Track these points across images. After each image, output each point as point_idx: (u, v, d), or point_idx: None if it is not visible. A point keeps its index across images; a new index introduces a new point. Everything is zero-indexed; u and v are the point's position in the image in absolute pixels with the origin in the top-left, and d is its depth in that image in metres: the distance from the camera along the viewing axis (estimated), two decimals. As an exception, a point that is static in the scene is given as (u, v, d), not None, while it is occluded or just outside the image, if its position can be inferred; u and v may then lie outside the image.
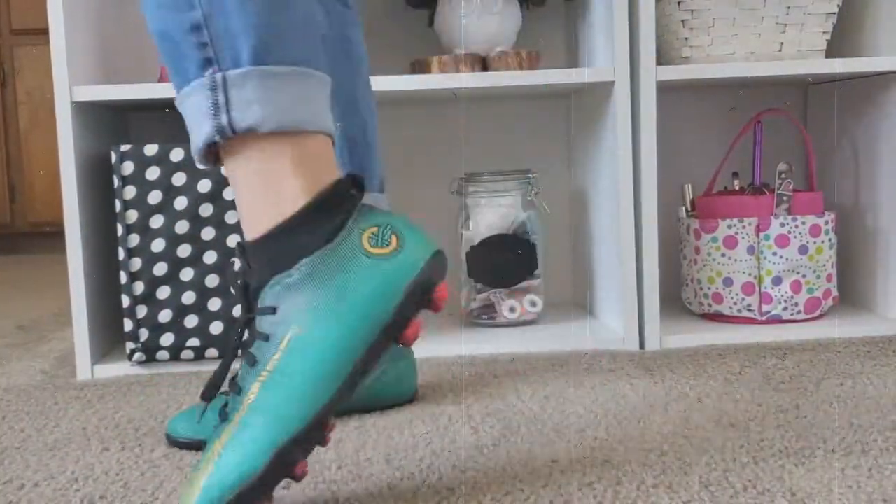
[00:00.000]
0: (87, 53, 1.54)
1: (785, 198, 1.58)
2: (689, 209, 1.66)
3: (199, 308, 1.47)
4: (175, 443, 1.08)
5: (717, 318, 1.62)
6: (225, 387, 1.27)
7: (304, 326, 0.83)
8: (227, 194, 1.47)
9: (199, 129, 0.85)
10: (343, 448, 1.04)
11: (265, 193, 0.85)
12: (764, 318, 1.58)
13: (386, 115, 1.84)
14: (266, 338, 0.83)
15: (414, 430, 1.10)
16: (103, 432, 1.15)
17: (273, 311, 0.84)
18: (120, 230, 1.46)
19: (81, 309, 1.47)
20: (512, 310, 1.65)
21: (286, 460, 0.80)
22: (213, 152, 0.87)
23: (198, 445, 1.06)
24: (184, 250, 1.46)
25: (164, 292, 1.47)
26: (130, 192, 1.46)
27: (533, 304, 1.65)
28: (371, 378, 0.89)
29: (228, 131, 0.83)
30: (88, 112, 1.53)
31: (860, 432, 1.03)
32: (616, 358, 1.45)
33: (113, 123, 1.69)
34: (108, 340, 1.59)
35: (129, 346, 1.47)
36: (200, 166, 0.89)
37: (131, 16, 1.75)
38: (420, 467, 0.97)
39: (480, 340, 1.54)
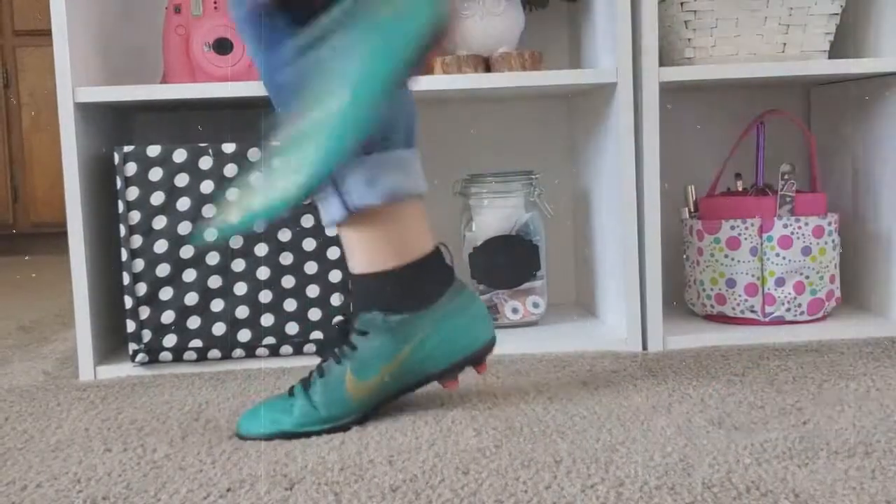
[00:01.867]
0: (90, 54, 1.55)
1: (788, 199, 1.58)
2: (692, 210, 1.66)
3: (202, 309, 1.47)
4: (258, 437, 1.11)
5: (720, 319, 1.62)
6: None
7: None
8: (230, 196, 1.47)
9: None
10: (345, 449, 1.04)
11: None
12: (767, 320, 1.58)
13: (388, 116, 1.83)
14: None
15: (417, 431, 1.10)
16: (106, 433, 1.15)
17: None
18: (122, 231, 1.46)
19: (84, 310, 1.47)
20: (515, 311, 1.65)
21: None
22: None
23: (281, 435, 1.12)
24: (186, 251, 1.47)
25: (166, 293, 1.47)
26: (133, 193, 1.46)
27: (535, 305, 1.65)
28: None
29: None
30: (91, 113, 1.53)
31: (863, 434, 1.03)
32: (619, 359, 1.44)
33: (116, 124, 1.69)
34: (111, 341, 1.59)
35: (132, 347, 1.47)
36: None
37: (134, 17, 1.75)
38: (423, 469, 0.97)
39: (483, 341, 1.54)
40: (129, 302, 1.46)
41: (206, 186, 1.46)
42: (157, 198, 1.46)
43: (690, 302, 1.67)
